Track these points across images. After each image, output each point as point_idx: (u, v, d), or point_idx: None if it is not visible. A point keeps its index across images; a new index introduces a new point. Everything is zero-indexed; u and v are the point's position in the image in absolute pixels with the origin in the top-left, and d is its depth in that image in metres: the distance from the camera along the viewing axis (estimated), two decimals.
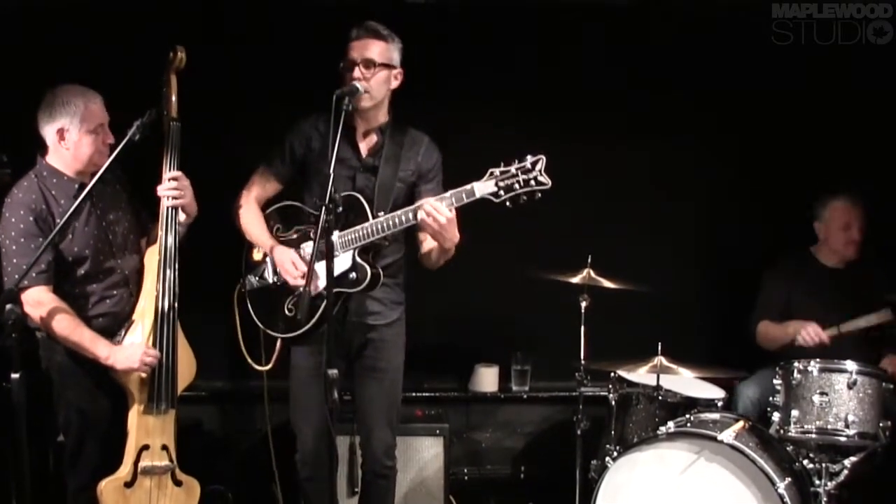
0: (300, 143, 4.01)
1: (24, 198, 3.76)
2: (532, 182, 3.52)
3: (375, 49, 3.85)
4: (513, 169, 3.55)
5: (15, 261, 3.70)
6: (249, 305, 4.13)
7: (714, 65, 5.00)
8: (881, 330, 4.53)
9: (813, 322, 4.53)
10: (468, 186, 3.62)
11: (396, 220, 3.74)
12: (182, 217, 3.91)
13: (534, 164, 3.53)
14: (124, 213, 3.99)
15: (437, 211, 3.62)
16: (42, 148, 3.85)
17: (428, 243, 3.93)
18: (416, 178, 3.98)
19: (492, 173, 3.58)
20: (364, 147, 3.98)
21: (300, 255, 3.93)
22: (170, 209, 3.87)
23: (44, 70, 4.49)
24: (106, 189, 3.92)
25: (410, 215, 3.71)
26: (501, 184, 3.55)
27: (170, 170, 3.89)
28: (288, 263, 3.91)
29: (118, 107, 3.88)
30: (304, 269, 3.72)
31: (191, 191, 3.91)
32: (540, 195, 3.53)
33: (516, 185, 3.54)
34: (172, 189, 3.86)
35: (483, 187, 3.59)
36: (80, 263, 3.83)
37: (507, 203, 3.56)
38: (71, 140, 3.79)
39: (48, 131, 3.81)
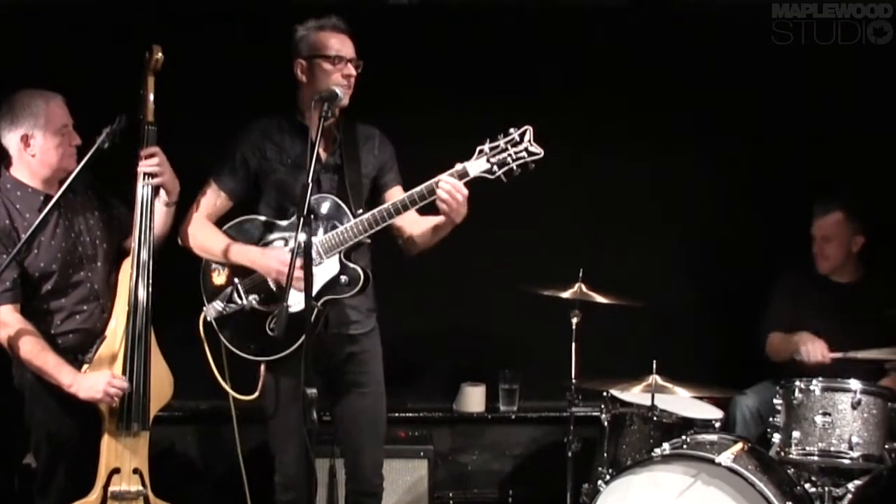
0: (253, 153, 3.83)
1: None
2: (524, 153, 3.47)
3: (351, 46, 3.77)
4: (502, 143, 3.49)
5: None
6: (220, 333, 3.89)
7: (714, 65, 4.99)
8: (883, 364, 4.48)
9: (821, 341, 4.46)
10: (459, 167, 3.53)
11: (385, 213, 3.61)
12: (165, 198, 3.81)
13: (522, 135, 3.48)
14: (95, 221, 3.90)
15: (456, 189, 3.52)
16: (5, 160, 3.77)
17: (417, 226, 3.78)
18: (378, 171, 3.90)
19: (481, 151, 3.51)
20: (320, 146, 3.80)
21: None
22: (144, 217, 3.75)
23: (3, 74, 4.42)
24: (76, 198, 3.85)
25: (398, 206, 3.58)
26: (494, 160, 3.49)
27: None
28: (280, 264, 3.69)
29: (86, 110, 3.78)
30: (299, 261, 3.44)
31: (170, 167, 3.80)
32: (533, 165, 3.47)
33: (509, 159, 3.48)
34: (153, 165, 3.76)
35: (476, 166, 3.51)
36: (46, 279, 3.75)
37: (503, 178, 3.49)
38: (37, 145, 3.71)
39: (10, 140, 3.73)
